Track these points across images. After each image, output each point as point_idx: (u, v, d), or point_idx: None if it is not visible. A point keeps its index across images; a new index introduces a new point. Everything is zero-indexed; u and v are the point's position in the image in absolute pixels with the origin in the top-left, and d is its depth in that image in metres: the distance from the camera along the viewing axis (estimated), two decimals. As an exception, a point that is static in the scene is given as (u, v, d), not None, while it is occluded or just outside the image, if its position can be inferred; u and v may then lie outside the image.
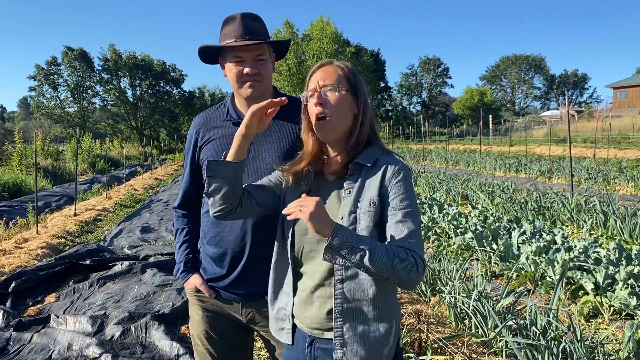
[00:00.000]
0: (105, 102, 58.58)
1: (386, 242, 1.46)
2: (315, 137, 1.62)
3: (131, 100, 57.86)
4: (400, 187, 1.50)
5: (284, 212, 1.46)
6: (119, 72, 56.33)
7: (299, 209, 1.40)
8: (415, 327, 3.74)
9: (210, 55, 1.98)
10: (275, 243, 1.69)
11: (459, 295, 4.04)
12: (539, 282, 4.98)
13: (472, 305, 3.74)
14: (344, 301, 1.48)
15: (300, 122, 1.68)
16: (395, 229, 1.46)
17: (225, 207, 1.60)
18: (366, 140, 1.61)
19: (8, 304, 4.81)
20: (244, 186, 1.64)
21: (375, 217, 1.50)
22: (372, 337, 1.48)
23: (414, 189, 1.55)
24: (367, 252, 1.38)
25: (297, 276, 1.62)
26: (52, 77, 55.17)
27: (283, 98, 1.58)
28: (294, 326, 1.64)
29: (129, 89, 58.10)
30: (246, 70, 1.87)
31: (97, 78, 56.88)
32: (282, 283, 1.66)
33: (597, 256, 4.76)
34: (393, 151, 1.64)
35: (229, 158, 1.58)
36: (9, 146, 20.96)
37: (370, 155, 1.58)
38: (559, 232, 5.78)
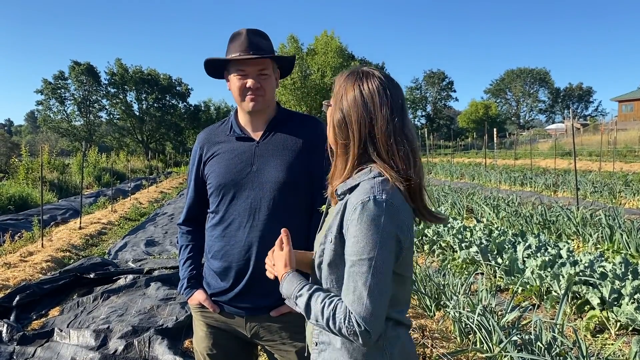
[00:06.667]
0: (112, 116, 58.98)
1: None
2: None
3: (137, 114, 58.21)
4: (354, 227, 1.29)
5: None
6: (126, 86, 56.72)
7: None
8: (420, 342, 3.72)
9: (216, 69, 2.02)
10: None
11: (463, 309, 4.01)
12: (545, 297, 4.94)
13: (477, 320, 3.71)
14: (320, 332, 1.46)
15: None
16: (345, 280, 1.32)
17: None
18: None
19: (12, 317, 4.81)
20: None
21: (333, 254, 1.37)
22: None
23: (374, 228, 1.28)
24: (303, 307, 1.36)
25: None
26: (59, 91, 55.60)
27: None
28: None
29: (135, 102, 58.55)
30: (249, 84, 1.90)
31: (104, 92, 57.28)
32: None
33: (603, 270, 4.73)
34: (378, 175, 1.35)
35: None
36: (16, 160, 21.14)
37: (349, 181, 1.40)
38: (564, 246, 5.75)
